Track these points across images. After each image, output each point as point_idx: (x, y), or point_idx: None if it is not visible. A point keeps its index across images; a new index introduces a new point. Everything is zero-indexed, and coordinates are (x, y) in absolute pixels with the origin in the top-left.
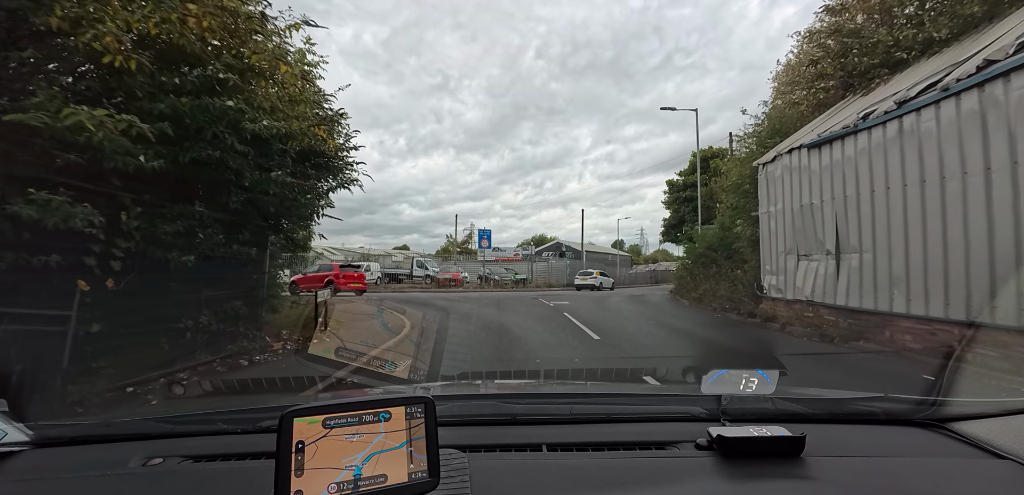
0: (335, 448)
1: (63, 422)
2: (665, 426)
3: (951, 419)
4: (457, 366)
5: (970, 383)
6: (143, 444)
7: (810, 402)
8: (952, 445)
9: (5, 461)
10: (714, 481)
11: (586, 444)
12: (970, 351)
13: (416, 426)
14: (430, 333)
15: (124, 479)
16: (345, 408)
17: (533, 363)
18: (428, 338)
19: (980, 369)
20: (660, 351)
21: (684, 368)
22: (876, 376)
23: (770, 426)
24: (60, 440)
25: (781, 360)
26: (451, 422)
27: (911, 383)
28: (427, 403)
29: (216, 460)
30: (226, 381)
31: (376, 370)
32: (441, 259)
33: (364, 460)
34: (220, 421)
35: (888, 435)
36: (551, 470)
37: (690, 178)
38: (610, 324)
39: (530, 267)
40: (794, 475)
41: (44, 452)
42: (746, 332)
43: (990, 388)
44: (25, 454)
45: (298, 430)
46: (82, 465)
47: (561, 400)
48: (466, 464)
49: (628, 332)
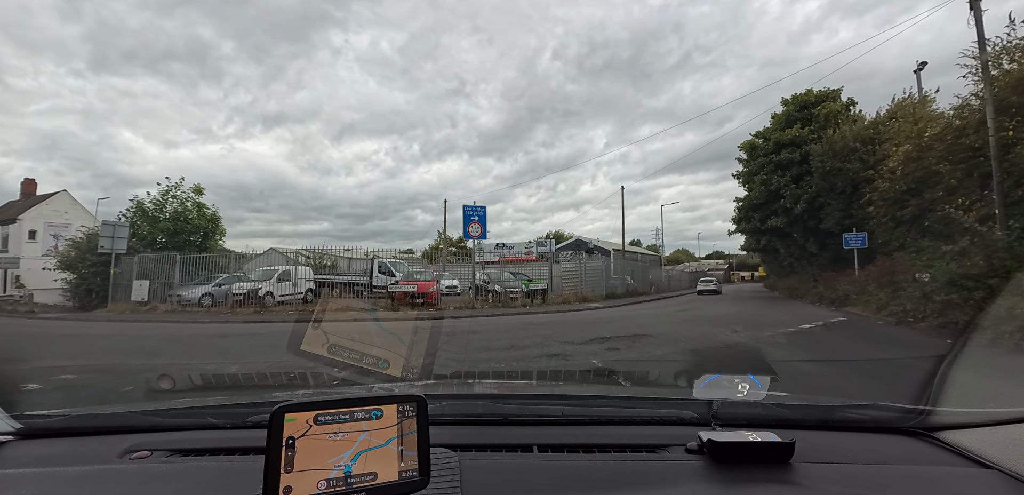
0: (326, 445)
1: (49, 413)
2: (656, 429)
3: (938, 428)
4: (450, 366)
5: (958, 392)
6: (129, 437)
7: (800, 408)
8: (939, 454)
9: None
10: (703, 485)
11: (577, 446)
12: (959, 360)
13: (408, 424)
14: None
15: (109, 472)
16: (336, 404)
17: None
18: (422, 337)
19: (969, 377)
20: None
21: (676, 372)
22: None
23: (760, 431)
24: (46, 431)
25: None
26: (443, 421)
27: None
28: (419, 401)
29: (204, 455)
30: (216, 375)
31: (369, 367)
32: (426, 262)
33: (355, 457)
34: (209, 415)
35: (876, 443)
36: (542, 471)
37: (786, 134)
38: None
39: (549, 271)
40: (783, 481)
41: (30, 443)
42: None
43: (977, 398)
44: (11, 445)
45: (289, 425)
46: (67, 457)
47: (553, 401)
48: (457, 463)
49: None
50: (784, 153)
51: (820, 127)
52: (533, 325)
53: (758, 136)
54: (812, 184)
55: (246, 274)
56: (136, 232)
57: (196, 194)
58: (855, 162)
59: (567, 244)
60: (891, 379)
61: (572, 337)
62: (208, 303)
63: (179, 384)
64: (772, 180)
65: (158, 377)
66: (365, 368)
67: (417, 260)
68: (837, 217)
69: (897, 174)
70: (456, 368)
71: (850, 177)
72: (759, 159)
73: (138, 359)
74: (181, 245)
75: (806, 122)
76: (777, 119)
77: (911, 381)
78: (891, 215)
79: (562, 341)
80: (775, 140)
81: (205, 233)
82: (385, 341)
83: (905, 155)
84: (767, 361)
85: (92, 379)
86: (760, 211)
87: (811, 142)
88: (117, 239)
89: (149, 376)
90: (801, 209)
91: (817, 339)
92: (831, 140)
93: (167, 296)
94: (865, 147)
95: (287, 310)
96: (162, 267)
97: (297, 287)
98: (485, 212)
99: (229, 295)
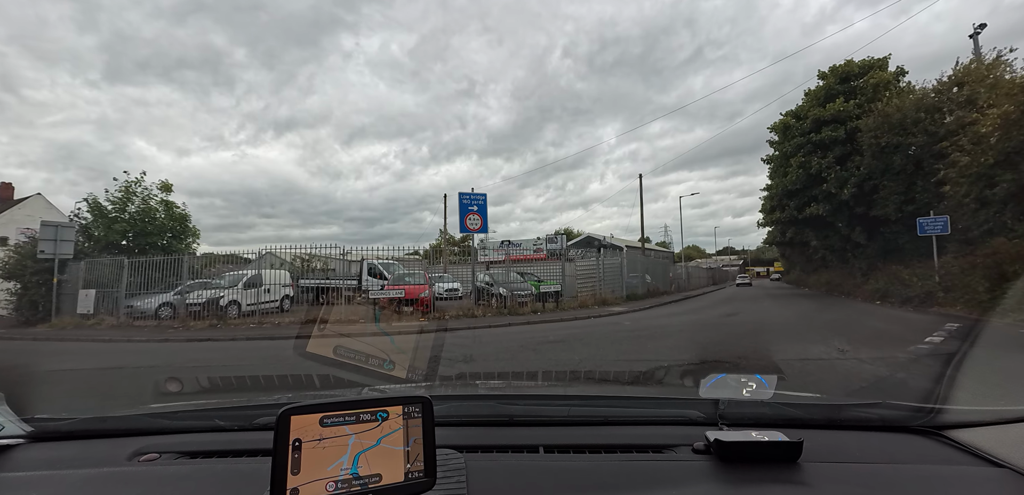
0: (332, 446)
1: (59, 416)
2: (662, 429)
3: (948, 427)
4: (455, 367)
5: (968, 390)
6: (138, 439)
7: (808, 407)
8: (949, 453)
9: (3, 454)
10: (711, 485)
11: (583, 446)
12: (969, 358)
13: (413, 426)
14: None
15: (118, 475)
16: (343, 406)
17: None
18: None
19: (979, 374)
20: None
21: (682, 371)
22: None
23: (768, 431)
24: (56, 434)
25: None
26: (449, 422)
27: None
28: (425, 403)
29: (212, 457)
30: (223, 377)
31: (374, 369)
32: (429, 262)
33: (361, 459)
34: (216, 417)
35: (885, 442)
36: (548, 472)
37: (826, 110)
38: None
39: (561, 270)
40: (791, 480)
41: (40, 446)
42: None
43: (988, 396)
44: (22, 448)
45: (295, 428)
46: (77, 460)
47: (559, 402)
48: (463, 464)
49: None
50: (825, 132)
51: (866, 100)
52: (551, 342)
53: (791, 115)
54: (862, 164)
55: (213, 280)
56: (90, 234)
57: (163, 191)
58: (920, 135)
59: (577, 242)
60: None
61: (622, 360)
62: (167, 314)
63: (186, 386)
64: (812, 162)
65: (166, 379)
66: (370, 370)
67: (418, 261)
68: (896, 201)
69: (991, 141)
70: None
71: (912, 154)
72: (795, 140)
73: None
74: (145, 248)
75: (849, 95)
76: (814, 94)
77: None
78: (976, 194)
79: (610, 365)
80: (814, 117)
81: (174, 235)
82: (385, 344)
83: (1003, 117)
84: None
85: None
86: (797, 198)
87: (857, 118)
88: (62, 242)
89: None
90: (849, 194)
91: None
92: (884, 112)
93: (119, 308)
94: (930, 117)
95: (249, 324)
96: (112, 274)
97: (272, 294)
98: (485, 201)
99: (186, 306)
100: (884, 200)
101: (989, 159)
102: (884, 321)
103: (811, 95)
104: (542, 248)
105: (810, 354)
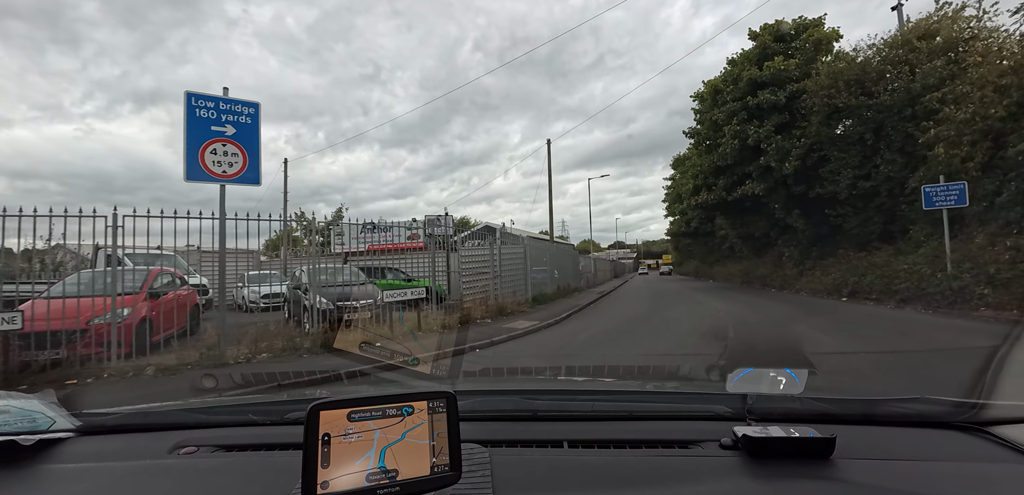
0: (360, 440)
1: (105, 410)
2: (689, 424)
3: (993, 423)
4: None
5: (1016, 384)
6: (178, 433)
7: (840, 402)
8: (993, 450)
9: (55, 447)
10: (739, 481)
11: (608, 441)
12: (1017, 349)
13: (438, 420)
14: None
15: (160, 466)
16: (369, 401)
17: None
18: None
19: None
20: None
21: (708, 366)
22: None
23: (798, 426)
24: (103, 428)
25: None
26: (473, 417)
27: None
28: (449, 397)
29: (247, 450)
30: (255, 374)
31: (399, 365)
32: (272, 255)
33: (387, 453)
34: (250, 412)
35: (924, 438)
36: (572, 466)
37: (765, 70)
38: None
39: (446, 262)
40: (823, 477)
41: (88, 439)
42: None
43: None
44: (72, 441)
45: (324, 422)
46: (121, 452)
47: (583, 397)
48: (488, 459)
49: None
50: (763, 94)
51: (806, 61)
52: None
53: (720, 80)
54: (806, 132)
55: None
56: None
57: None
58: (896, 92)
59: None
60: None
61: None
62: None
63: (221, 383)
64: (747, 131)
65: (202, 376)
66: (395, 366)
67: (269, 256)
68: (850, 176)
69: (1008, 85)
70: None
71: (876, 117)
72: (727, 106)
73: None
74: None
75: (789, 56)
76: (747, 54)
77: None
78: (981, 156)
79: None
80: (749, 78)
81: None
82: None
83: (1015, 64)
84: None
85: None
86: (727, 175)
87: (798, 81)
88: None
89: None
90: (792, 167)
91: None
92: (836, 70)
93: None
94: (896, 70)
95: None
96: None
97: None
98: (256, 117)
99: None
100: (833, 176)
101: (999, 111)
102: (909, 325)
103: (744, 55)
104: (418, 234)
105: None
